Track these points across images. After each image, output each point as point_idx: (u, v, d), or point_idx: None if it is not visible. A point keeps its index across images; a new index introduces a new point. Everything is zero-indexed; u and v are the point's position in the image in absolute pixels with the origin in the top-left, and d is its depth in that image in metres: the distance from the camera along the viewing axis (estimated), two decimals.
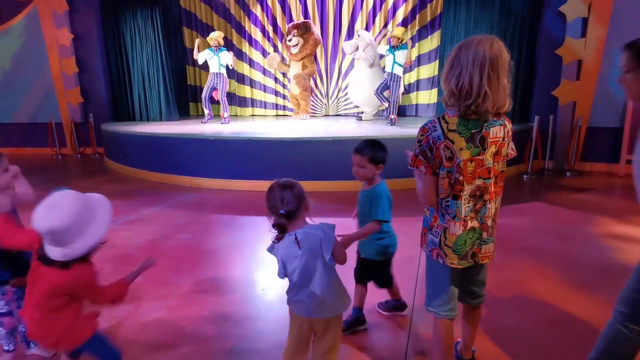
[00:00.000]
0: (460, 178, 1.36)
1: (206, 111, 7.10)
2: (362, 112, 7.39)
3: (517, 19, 6.14)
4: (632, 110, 5.47)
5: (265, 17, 8.29)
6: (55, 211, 1.29)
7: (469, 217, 1.41)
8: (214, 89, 6.92)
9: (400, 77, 6.34)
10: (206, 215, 4.18)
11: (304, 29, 7.21)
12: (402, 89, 6.64)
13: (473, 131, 1.34)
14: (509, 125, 1.41)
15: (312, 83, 8.52)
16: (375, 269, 2.09)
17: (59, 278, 1.36)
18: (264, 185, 5.73)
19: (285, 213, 1.40)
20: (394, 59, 6.25)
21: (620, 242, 3.29)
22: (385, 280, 2.15)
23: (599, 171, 5.86)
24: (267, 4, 8.29)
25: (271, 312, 2.38)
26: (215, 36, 6.83)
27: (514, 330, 2.13)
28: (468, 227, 1.41)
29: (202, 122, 7.03)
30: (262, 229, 3.75)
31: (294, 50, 6.52)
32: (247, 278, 2.80)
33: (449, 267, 1.46)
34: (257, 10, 8.35)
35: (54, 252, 1.33)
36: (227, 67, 6.92)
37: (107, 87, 8.06)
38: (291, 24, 7.37)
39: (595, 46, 5.56)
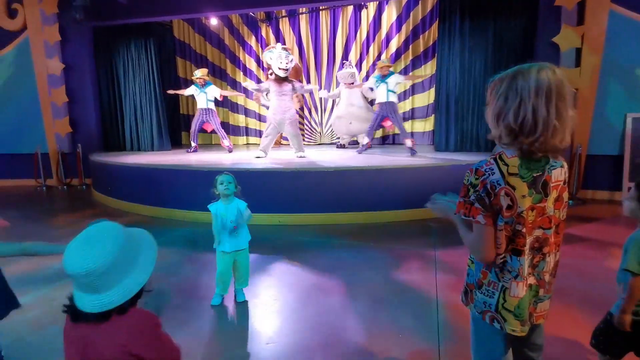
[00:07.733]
0: (523, 230, 1.17)
1: (193, 144, 7.17)
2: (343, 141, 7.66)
3: (511, 50, 6.21)
4: (632, 138, 5.48)
5: (260, 48, 8.32)
6: (93, 247, 1.03)
7: (528, 274, 1.22)
8: (204, 122, 7.08)
9: (396, 102, 6.31)
10: (202, 253, 3.91)
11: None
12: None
13: (535, 175, 1.17)
14: (566, 167, 1.26)
15: (306, 112, 8.48)
16: None
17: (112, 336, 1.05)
18: (264, 218, 5.39)
19: None
20: (387, 87, 6.19)
21: None
22: None
23: (600, 199, 5.78)
24: (261, 35, 8.34)
25: None
26: (200, 75, 6.95)
27: None
28: (527, 286, 1.23)
29: (186, 152, 7.08)
30: (265, 268, 3.50)
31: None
32: (252, 330, 2.54)
33: (507, 333, 1.25)
34: (252, 41, 8.38)
35: (89, 301, 1.04)
36: (215, 99, 7.11)
37: (98, 117, 7.87)
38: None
39: (590, 75, 5.61)
